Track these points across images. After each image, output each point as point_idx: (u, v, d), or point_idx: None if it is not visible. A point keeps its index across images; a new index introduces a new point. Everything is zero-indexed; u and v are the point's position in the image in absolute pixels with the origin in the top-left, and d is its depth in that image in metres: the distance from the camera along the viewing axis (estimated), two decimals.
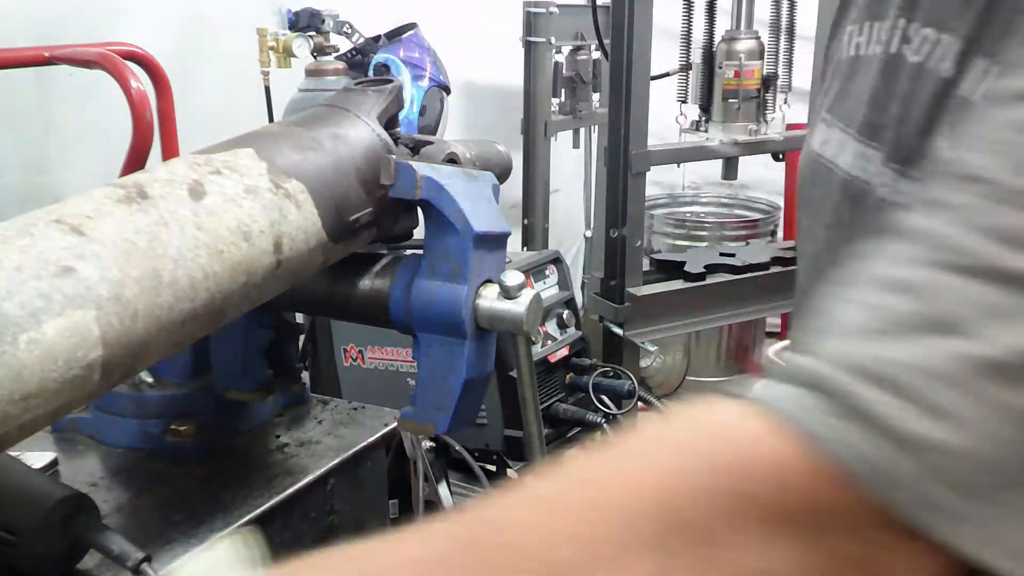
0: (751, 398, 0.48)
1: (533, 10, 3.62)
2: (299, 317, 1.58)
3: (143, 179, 0.77)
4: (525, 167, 3.78)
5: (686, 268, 3.07)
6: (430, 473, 1.65)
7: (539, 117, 3.74)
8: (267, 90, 2.84)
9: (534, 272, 1.80)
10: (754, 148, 2.92)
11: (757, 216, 4.10)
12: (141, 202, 0.74)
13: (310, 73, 2.69)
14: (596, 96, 3.97)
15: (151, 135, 2.05)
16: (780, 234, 4.05)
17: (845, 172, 0.73)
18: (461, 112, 3.68)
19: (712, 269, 3.08)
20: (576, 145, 4.25)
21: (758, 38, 3.37)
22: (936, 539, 0.43)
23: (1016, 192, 0.46)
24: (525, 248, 3.80)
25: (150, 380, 1.13)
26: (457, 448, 1.70)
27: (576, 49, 3.83)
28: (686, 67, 3.35)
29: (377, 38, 2.84)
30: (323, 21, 2.79)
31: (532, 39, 3.65)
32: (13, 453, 0.98)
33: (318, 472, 1.09)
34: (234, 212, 0.79)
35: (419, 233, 0.99)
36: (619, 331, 2.92)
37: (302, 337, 1.94)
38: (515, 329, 0.92)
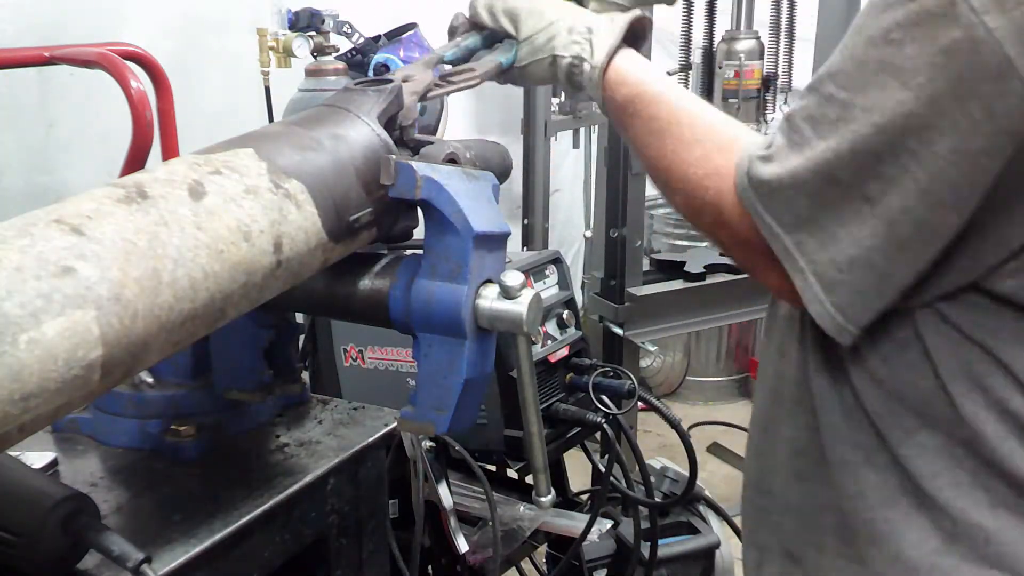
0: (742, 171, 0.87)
1: None
2: (299, 317, 1.58)
3: (143, 179, 0.77)
4: (525, 167, 3.78)
5: (686, 268, 3.07)
6: (430, 473, 1.65)
7: (539, 117, 3.74)
8: (267, 90, 2.83)
9: (534, 272, 1.80)
10: None
11: None
12: (141, 202, 0.74)
13: (310, 73, 2.68)
14: None
15: (151, 135, 2.05)
16: None
17: None
18: (462, 112, 3.68)
19: (712, 269, 3.08)
20: (576, 145, 4.25)
21: (758, 38, 3.38)
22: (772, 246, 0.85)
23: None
24: (525, 248, 3.80)
25: (150, 380, 1.13)
26: (457, 448, 1.70)
27: None
28: (686, 67, 3.36)
29: (377, 38, 2.84)
30: (323, 21, 2.78)
31: None
32: (13, 453, 0.98)
33: (318, 472, 1.09)
34: (234, 212, 0.79)
35: (419, 233, 0.99)
36: (619, 331, 2.92)
37: (302, 337, 1.94)
38: (515, 329, 0.92)
